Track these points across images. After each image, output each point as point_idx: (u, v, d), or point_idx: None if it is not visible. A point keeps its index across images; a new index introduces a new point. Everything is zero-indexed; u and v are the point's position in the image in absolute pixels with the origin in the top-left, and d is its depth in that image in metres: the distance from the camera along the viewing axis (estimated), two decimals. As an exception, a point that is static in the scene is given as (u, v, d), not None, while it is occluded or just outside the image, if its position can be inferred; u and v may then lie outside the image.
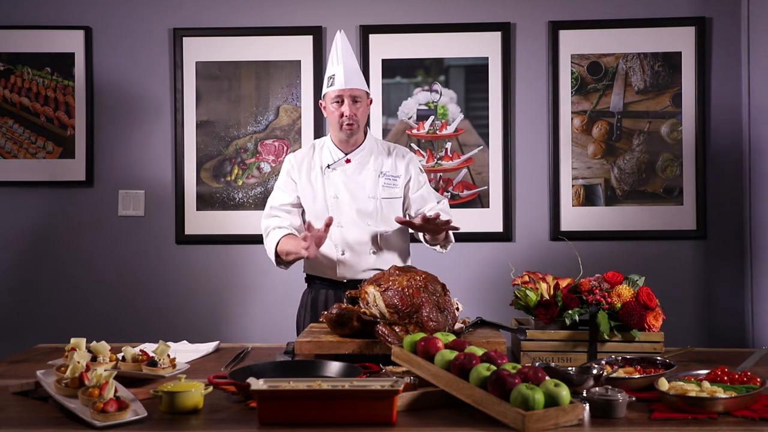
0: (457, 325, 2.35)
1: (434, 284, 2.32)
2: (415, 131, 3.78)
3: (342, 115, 2.71)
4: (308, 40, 3.78)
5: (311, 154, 2.84)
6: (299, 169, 2.81)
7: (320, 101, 2.82)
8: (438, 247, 2.80)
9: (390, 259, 2.79)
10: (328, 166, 2.78)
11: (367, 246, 2.77)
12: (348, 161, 2.78)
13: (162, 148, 3.82)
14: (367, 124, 3.21)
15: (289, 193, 2.83)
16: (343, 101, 2.71)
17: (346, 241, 2.76)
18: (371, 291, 2.30)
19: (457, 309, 2.41)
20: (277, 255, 2.75)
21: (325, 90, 2.76)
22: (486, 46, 3.77)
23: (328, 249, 2.77)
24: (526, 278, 2.38)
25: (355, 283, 2.70)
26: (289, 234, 2.75)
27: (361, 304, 2.31)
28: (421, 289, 2.27)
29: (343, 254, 2.77)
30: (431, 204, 2.83)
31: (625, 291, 2.30)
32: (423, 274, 2.34)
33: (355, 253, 2.77)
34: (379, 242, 2.78)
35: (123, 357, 2.16)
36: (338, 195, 2.76)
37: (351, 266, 2.78)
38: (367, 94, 2.78)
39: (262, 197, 3.79)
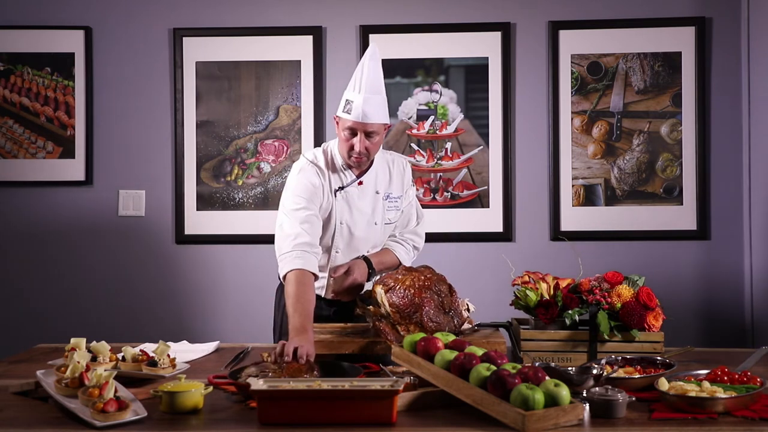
0: (465, 326, 2.35)
1: (440, 285, 2.32)
2: (415, 131, 3.78)
3: (352, 148, 2.47)
4: (308, 40, 3.77)
5: (326, 170, 2.56)
6: (322, 186, 2.54)
7: (335, 115, 2.53)
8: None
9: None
10: (341, 188, 2.56)
11: None
12: (360, 183, 2.58)
13: (162, 148, 3.82)
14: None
15: (315, 201, 2.52)
16: (356, 134, 2.46)
17: (338, 265, 2.58)
18: (378, 291, 2.32)
19: (468, 310, 2.41)
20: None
21: (340, 112, 2.49)
22: (486, 46, 3.77)
23: (319, 271, 2.54)
24: (526, 278, 2.38)
25: (336, 301, 2.60)
26: (307, 273, 2.38)
27: (372, 303, 2.32)
28: (424, 288, 2.27)
29: (331, 279, 2.59)
30: (401, 226, 2.70)
31: (625, 291, 2.30)
32: (429, 274, 2.33)
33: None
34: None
35: (123, 357, 2.16)
36: (344, 221, 2.58)
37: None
38: (385, 124, 2.51)
39: (262, 197, 3.79)
